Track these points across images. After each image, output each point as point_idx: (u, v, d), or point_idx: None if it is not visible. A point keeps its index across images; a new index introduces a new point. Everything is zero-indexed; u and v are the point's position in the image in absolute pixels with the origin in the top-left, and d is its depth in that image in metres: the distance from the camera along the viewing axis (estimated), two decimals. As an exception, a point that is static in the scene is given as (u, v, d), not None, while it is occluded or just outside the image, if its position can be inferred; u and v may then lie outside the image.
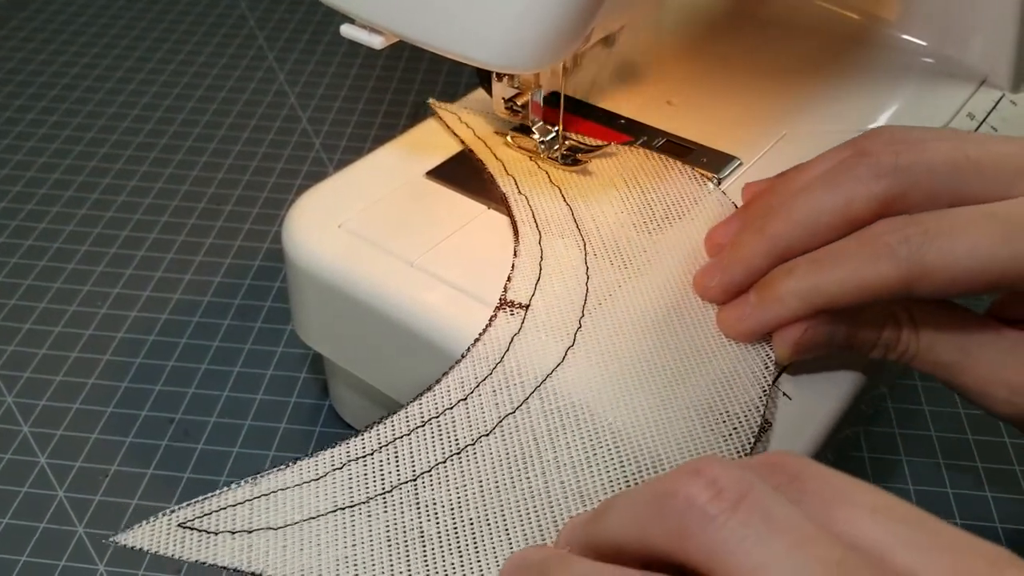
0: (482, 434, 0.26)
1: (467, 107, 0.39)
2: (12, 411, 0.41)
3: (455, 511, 0.25)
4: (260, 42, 0.69)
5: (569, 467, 0.25)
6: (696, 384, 0.27)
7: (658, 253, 0.32)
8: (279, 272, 0.49)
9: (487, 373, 0.28)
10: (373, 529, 0.24)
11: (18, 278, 0.48)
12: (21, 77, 0.65)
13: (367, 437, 0.26)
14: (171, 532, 0.24)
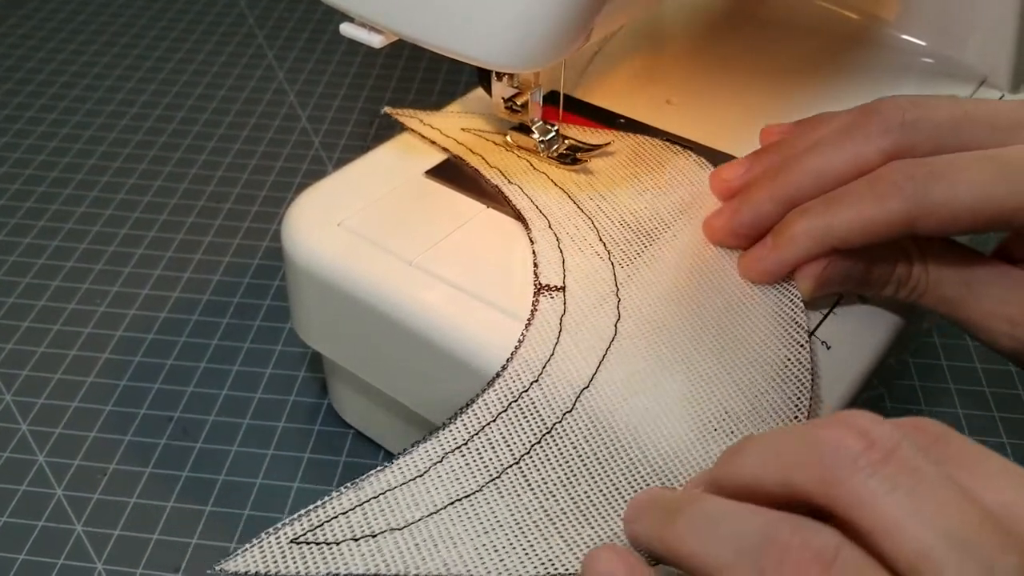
0: (565, 411, 0.27)
1: (462, 108, 0.39)
2: (11, 409, 0.41)
3: (568, 486, 0.25)
4: (259, 40, 0.69)
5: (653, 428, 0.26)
6: (744, 338, 0.29)
7: (666, 220, 0.33)
8: (278, 270, 0.49)
9: (549, 353, 0.28)
10: (498, 514, 0.25)
11: (17, 276, 0.48)
12: (20, 75, 0.65)
13: (456, 428, 0.27)
14: (286, 550, 0.24)
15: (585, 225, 0.33)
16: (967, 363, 0.45)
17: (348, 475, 0.39)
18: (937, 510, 0.17)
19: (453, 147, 0.36)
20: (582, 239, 0.32)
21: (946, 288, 0.29)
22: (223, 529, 0.36)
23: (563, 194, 0.34)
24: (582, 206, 0.34)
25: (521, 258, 0.32)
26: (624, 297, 0.30)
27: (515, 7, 0.27)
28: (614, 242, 0.32)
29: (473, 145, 0.37)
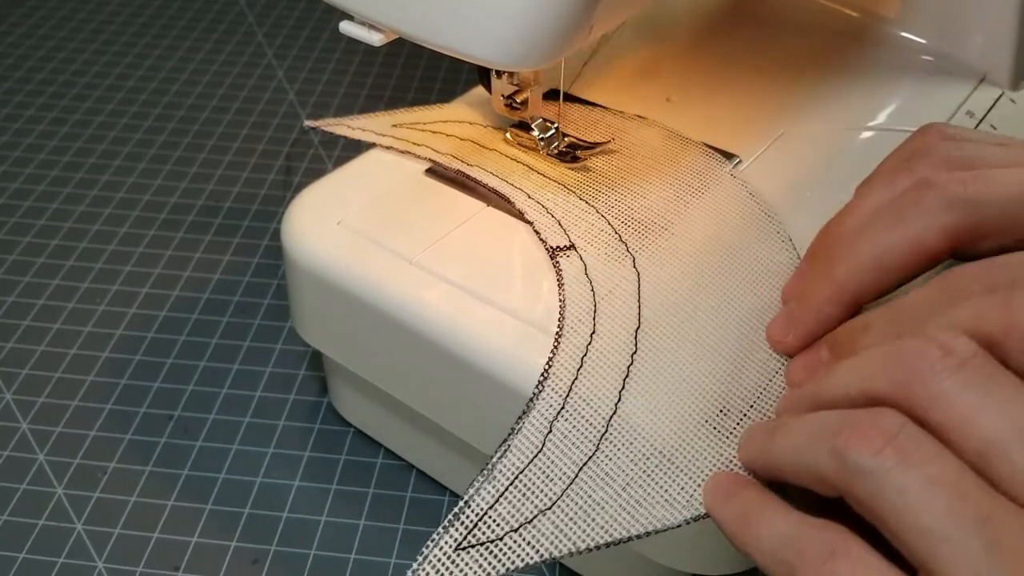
0: (628, 364, 0.28)
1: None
2: (11, 408, 0.41)
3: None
4: (259, 39, 0.69)
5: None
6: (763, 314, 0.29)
7: (674, 213, 0.33)
8: (278, 269, 0.49)
9: (592, 308, 0.29)
10: (624, 468, 0.25)
11: (17, 275, 0.48)
12: (20, 74, 0.65)
13: (548, 395, 0.27)
14: (455, 560, 0.23)
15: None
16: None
17: (348, 473, 0.39)
18: (1006, 407, 0.18)
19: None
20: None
21: None
22: (223, 527, 0.37)
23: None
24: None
25: (521, 256, 0.32)
26: (638, 258, 0.31)
27: (515, 5, 0.27)
28: (623, 228, 0.32)
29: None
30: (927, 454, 0.19)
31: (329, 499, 0.38)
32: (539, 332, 0.29)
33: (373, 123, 0.39)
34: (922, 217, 0.25)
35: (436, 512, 0.37)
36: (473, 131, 0.38)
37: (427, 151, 0.36)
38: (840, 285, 0.27)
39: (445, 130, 0.38)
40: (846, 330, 0.26)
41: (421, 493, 0.38)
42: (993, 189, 0.25)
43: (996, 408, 0.18)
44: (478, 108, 0.39)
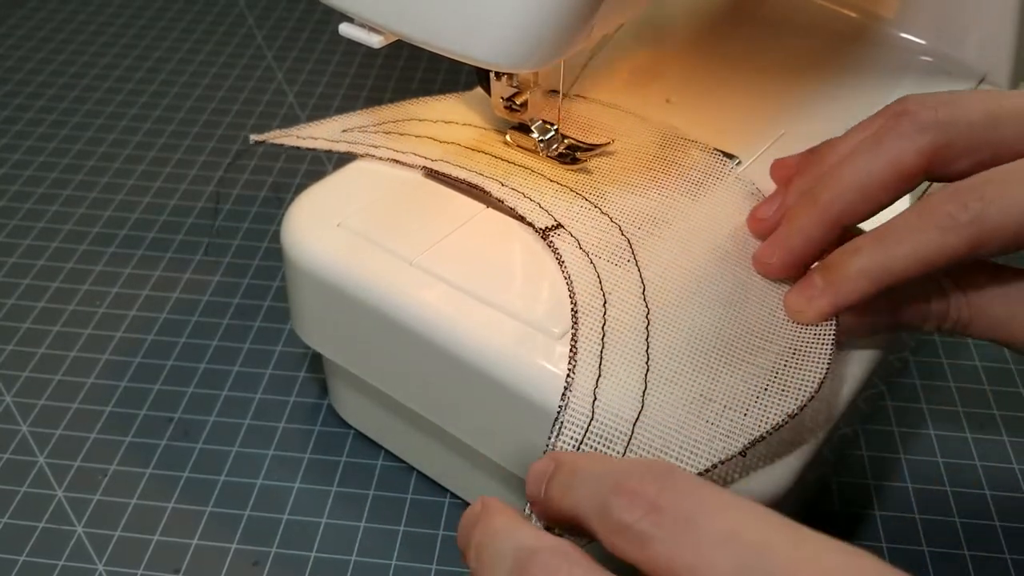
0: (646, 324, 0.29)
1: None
2: (11, 410, 0.41)
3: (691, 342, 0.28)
4: (259, 41, 0.69)
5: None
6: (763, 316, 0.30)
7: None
8: (278, 271, 0.49)
9: (602, 297, 0.30)
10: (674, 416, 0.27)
11: (17, 277, 0.48)
12: (19, 76, 0.65)
13: (583, 368, 0.28)
14: None
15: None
16: (968, 361, 0.45)
17: (349, 475, 0.39)
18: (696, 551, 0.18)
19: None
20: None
21: (995, 309, 0.28)
22: (224, 530, 0.36)
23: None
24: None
25: (521, 257, 0.32)
26: (636, 248, 0.31)
27: (514, 7, 0.27)
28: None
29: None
30: None
31: (329, 501, 0.38)
32: (539, 333, 0.29)
33: (322, 130, 0.38)
34: (899, 140, 0.27)
35: (436, 514, 0.37)
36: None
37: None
38: (824, 208, 0.28)
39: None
40: (838, 255, 0.28)
41: (422, 495, 0.38)
42: (962, 112, 0.27)
43: (706, 550, 0.18)
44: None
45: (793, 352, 0.28)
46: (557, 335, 0.29)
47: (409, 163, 0.36)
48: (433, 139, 0.37)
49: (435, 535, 0.37)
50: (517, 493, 0.34)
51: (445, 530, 0.37)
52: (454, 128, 0.38)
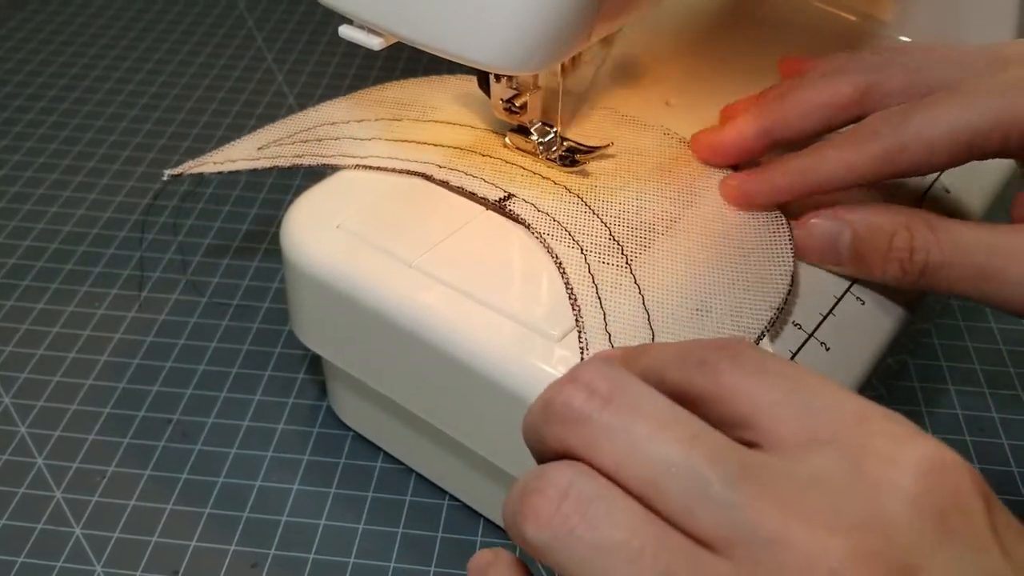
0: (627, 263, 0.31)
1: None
2: (10, 412, 0.41)
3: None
4: (259, 43, 0.69)
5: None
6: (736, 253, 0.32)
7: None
8: (277, 273, 0.49)
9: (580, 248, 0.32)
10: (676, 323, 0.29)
11: (16, 279, 0.48)
12: (19, 78, 0.65)
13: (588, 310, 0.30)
14: None
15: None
16: (967, 364, 0.45)
17: (348, 477, 0.39)
18: (649, 437, 0.18)
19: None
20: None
21: (971, 253, 0.28)
22: (222, 531, 0.36)
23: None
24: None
25: (520, 259, 0.32)
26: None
27: (514, 10, 0.27)
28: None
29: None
30: (593, 510, 0.18)
31: (328, 503, 0.38)
32: (538, 335, 0.29)
33: (239, 150, 0.37)
34: (839, 75, 0.32)
35: (435, 516, 0.37)
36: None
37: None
38: (764, 114, 0.33)
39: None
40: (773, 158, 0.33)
41: (421, 497, 0.38)
42: (899, 55, 0.32)
43: (645, 451, 0.18)
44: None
45: (763, 249, 0.31)
46: (556, 337, 0.29)
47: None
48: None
49: (434, 537, 0.37)
50: (516, 495, 0.34)
51: (444, 532, 0.37)
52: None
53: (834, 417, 0.18)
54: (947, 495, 0.17)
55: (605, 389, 0.19)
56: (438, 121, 0.39)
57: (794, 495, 0.17)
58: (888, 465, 0.17)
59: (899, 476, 0.17)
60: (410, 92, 0.41)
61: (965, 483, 0.17)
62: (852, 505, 0.17)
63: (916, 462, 0.17)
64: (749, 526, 0.17)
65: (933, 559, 0.17)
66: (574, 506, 0.18)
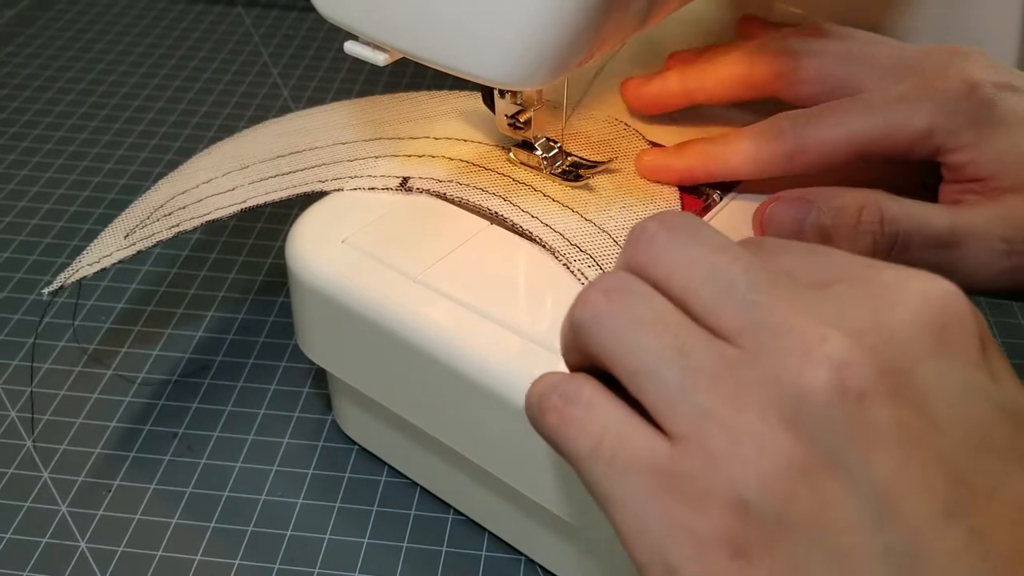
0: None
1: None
2: (15, 425, 0.41)
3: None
4: (265, 58, 0.70)
5: None
6: None
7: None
8: (282, 287, 0.49)
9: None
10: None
11: (23, 293, 0.48)
12: (27, 93, 0.65)
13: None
14: None
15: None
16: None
17: (352, 491, 0.39)
18: (698, 257, 0.21)
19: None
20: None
21: (934, 222, 0.29)
22: (228, 546, 0.36)
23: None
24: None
25: (525, 273, 0.33)
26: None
27: (518, 25, 0.27)
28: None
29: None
30: (635, 298, 0.21)
31: (333, 517, 0.38)
32: (543, 349, 0.29)
33: (107, 243, 0.35)
34: (762, 56, 0.34)
35: (440, 530, 0.37)
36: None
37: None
38: (688, 79, 0.36)
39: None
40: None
41: (425, 511, 0.38)
42: (820, 46, 0.34)
43: (689, 260, 0.21)
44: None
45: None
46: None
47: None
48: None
49: (439, 551, 0.37)
50: (521, 510, 0.34)
51: (448, 546, 0.37)
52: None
53: (848, 263, 0.21)
54: (948, 315, 0.19)
55: (677, 222, 0.22)
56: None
57: (809, 303, 0.19)
58: (897, 287, 0.20)
59: (905, 296, 0.19)
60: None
61: (966, 312, 0.19)
62: (858, 313, 0.19)
63: (922, 287, 0.20)
64: (761, 318, 0.19)
65: (925, 365, 0.18)
66: (618, 296, 0.21)
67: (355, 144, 0.38)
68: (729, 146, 0.33)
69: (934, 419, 0.18)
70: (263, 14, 0.76)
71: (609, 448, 0.20)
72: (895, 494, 0.17)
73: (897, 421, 0.18)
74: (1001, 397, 0.19)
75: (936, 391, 0.18)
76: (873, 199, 0.30)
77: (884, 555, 0.17)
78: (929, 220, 0.29)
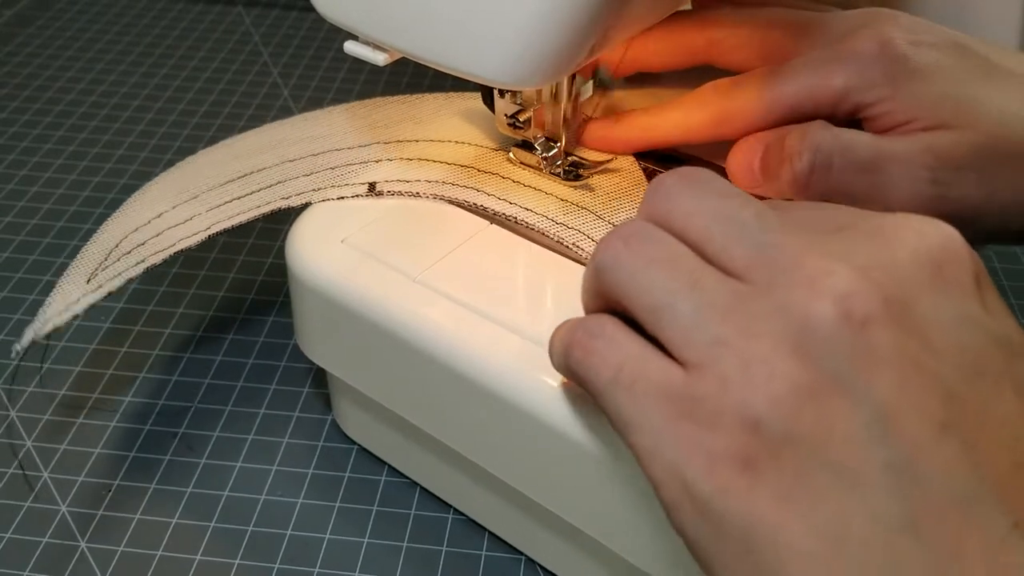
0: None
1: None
2: (15, 425, 0.41)
3: None
4: (265, 58, 0.70)
5: None
6: None
7: None
8: (282, 287, 0.49)
9: None
10: None
11: (23, 292, 0.48)
12: (27, 93, 0.65)
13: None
14: None
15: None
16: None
17: (352, 491, 0.39)
18: (712, 202, 0.23)
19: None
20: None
21: (859, 152, 0.30)
22: (228, 545, 0.36)
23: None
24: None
25: (525, 273, 0.33)
26: None
27: (518, 25, 0.27)
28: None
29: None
30: (652, 242, 0.22)
31: (333, 517, 0.38)
32: (542, 349, 0.29)
33: (69, 291, 0.34)
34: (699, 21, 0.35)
35: (440, 530, 0.37)
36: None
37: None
38: (631, 48, 0.37)
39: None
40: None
41: (425, 511, 0.38)
42: (749, 15, 0.34)
43: (704, 207, 0.22)
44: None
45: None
46: (560, 351, 0.29)
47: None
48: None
49: (439, 551, 0.37)
50: (521, 510, 0.34)
51: (448, 546, 0.37)
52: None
53: (853, 213, 0.23)
54: (946, 254, 0.21)
55: (694, 175, 0.24)
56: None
57: (816, 241, 0.21)
58: (898, 230, 0.21)
59: (906, 237, 0.21)
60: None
61: (963, 251, 0.21)
62: (862, 251, 0.21)
63: (921, 228, 0.21)
64: (771, 256, 0.21)
65: (924, 298, 0.20)
66: (636, 241, 0.23)
67: (329, 154, 0.38)
68: (661, 116, 0.35)
69: (932, 345, 0.20)
70: (263, 14, 0.76)
71: (629, 376, 0.22)
72: (894, 411, 0.19)
73: (897, 345, 0.19)
74: (994, 328, 0.20)
75: (934, 321, 0.20)
76: (803, 127, 0.31)
77: (884, 467, 0.19)
78: (852, 143, 0.30)
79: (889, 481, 0.19)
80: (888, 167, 0.30)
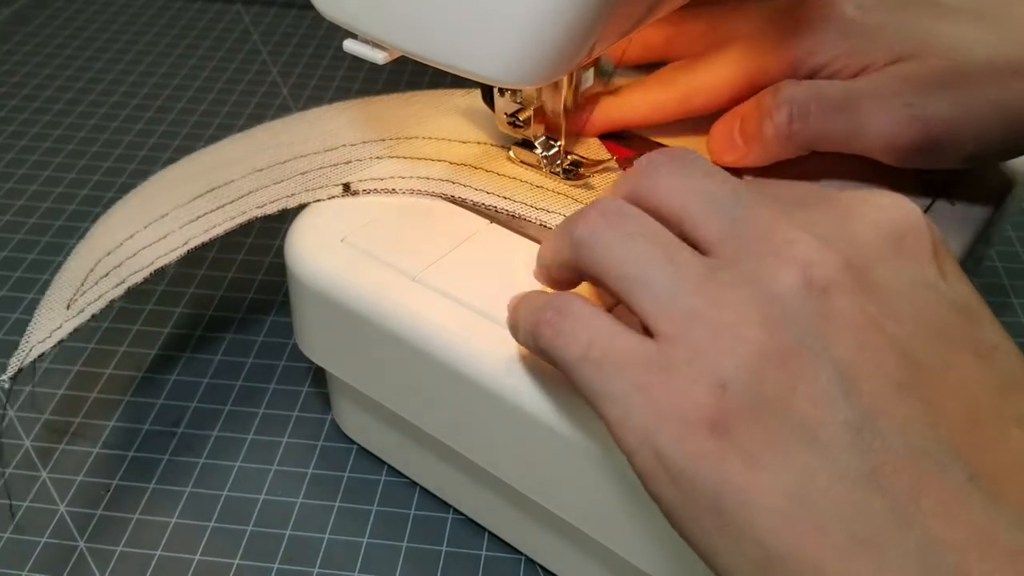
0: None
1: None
2: (14, 425, 0.41)
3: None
4: (264, 56, 0.70)
5: None
6: None
7: None
8: (281, 286, 0.49)
9: None
10: None
11: (22, 292, 0.48)
12: (26, 91, 0.65)
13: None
14: None
15: None
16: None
17: (352, 491, 0.39)
18: (691, 183, 0.23)
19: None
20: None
21: (828, 89, 0.32)
22: (227, 545, 0.36)
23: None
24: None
25: (526, 272, 0.32)
26: None
27: (518, 23, 0.27)
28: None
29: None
30: (630, 218, 0.23)
31: (332, 516, 0.38)
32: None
33: (51, 316, 0.34)
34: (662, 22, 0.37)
35: (440, 530, 0.37)
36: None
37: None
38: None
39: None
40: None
41: (425, 511, 0.38)
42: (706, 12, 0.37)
43: (685, 185, 0.23)
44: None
45: None
46: (561, 351, 0.29)
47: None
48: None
49: (439, 551, 0.36)
50: (521, 510, 0.34)
51: (448, 546, 0.37)
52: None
53: (821, 192, 0.24)
54: (905, 225, 0.22)
55: (677, 154, 0.24)
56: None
57: (784, 213, 0.22)
58: (859, 204, 0.23)
59: (867, 210, 0.22)
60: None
61: (921, 223, 0.22)
62: (826, 221, 0.22)
63: (880, 203, 0.23)
64: (741, 228, 0.22)
65: (884, 265, 0.21)
66: (614, 215, 0.23)
67: (301, 159, 0.38)
68: (629, 96, 0.36)
69: (891, 310, 0.21)
70: (262, 11, 0.76)
71: (599, 350, 0.22)
72: (855, 372, 0.20)
73: (857, 309, 0.20)
74: (952, 294, 0.22)
75: (893, 287, 0.21)
76: (775, 87, 0.33)
77: (844, 424, 0.19)
78: (824, 88, 0.32)
79: (850, 437, 0.19)
80: (862, 102, 0.31)
